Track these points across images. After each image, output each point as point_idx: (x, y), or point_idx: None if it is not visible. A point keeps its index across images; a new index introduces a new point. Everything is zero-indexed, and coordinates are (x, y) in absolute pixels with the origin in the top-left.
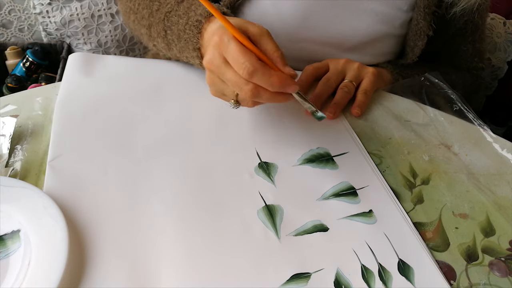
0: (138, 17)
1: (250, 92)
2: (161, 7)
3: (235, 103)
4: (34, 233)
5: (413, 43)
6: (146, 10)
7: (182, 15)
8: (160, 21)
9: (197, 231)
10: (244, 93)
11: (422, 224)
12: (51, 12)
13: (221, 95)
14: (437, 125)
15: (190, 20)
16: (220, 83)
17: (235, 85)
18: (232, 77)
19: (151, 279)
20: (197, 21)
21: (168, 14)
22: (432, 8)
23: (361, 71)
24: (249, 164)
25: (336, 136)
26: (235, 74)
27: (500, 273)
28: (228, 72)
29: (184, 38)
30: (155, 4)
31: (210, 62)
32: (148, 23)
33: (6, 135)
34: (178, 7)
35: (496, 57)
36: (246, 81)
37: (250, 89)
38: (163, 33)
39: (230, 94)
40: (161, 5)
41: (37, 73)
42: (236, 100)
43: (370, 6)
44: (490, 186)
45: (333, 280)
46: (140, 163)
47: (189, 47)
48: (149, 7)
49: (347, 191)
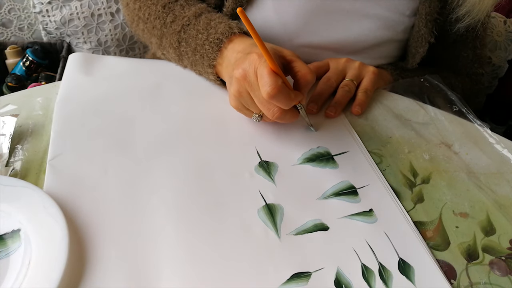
0: (149, 27)
1: (277, 114)
2: (177, 19)
3: (259, 117)
4: (34, 232)
5: (415, 50)
6: (158, 20)
7: (202, 30)
8: (174, 33)
9: (197, 231)
10: (271, 114)
11: (422, 223)
12: (51, 11)
13: (244, 108)
14: (438, 124)
15: (210, 36)
16: (248, 98)
17: (263, 104)
18: (261, 96)
19: (151, 279)
20: (218, 39)
21: (186, 27)
22: (434, 15)
23: (362, 70)
24: (249, 163)
25: (337, 135)
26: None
27: (501, 272)
28: (258, 91)
29: (201, 52)
30: (170, 16)
31: (244, 76)
32: (160, 33)
33: (6, 135)
34: (196, 21)
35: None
36: (273, 104)
37: (276, 111)
38: (176, 44)
39: (254, 110)
40: (177, 18)
41: (37, 72)
42: (260, 115)
43: (372, 11)
44: (491, 185)
45: (333, 279)
46: (140, 162)
47: (204, 63)
48: (162, 18)
49: (348, 190)
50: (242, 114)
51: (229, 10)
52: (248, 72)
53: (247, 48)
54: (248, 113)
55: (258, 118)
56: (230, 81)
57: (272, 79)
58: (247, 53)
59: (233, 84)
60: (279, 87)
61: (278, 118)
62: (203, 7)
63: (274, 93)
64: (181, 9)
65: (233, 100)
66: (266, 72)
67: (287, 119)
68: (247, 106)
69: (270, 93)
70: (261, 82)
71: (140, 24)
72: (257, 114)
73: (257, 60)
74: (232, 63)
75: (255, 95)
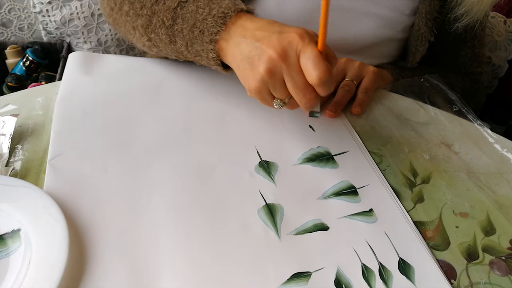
0: (136, 7)
1: (313, 102)
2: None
3: (282, 104)
4: (34, 232)
5: (415, 49)
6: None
7: (203, 5)
8: (169, 10)
9: (197, 230)
10: (306, 100)
11: (422, 223)
12: (51, 11)
13: (266, 93)
14: (438, 124)
15: (213, 11)
16: (279, 81)
17: (301, 90)
18: (302, 81)
19: (151, 279)
20: (223, 13)
21: (183, 3)
22: (433, 14)
23: (362, 70)
24: (249, 163)
25: (337, 135)
26: (305, 79)
27: (501, 272)
28: (300, 75)
29: (200, 28)
30: None
31: (283, 56)
32: (149, 12)
33: (6, 135)
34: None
35: (497, 55)
36: (312, 90)
37: (313, 98)
38: (170, 22)
39: (280, 95)
40: None
41: (37, 72)
42: (284, 101)
43: (372, 10)
44: (491, 185)
45: (333, 279)
46: (140, 162)
47: (204, 38)
48: None
49: (348, 190)
50: (258, 99)
51: None
52: (289, 53)
53: (269, 26)
54: (268, 98)
55: (280, 104)
56: (247, 65)
57: (324, 63)
58: (279, 32)
59: (263, 61)
60: (330, 72)
61: (310, 106)
62: None
63: (326, 78)
64: None
65: (258, 81)
66: (316, 55)
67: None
68: (273, 90)
69: (322, 78)
70: (309, 65)
71: (124, 6)
72: (280, 101)
73: (300, 41)
74: (249, 42)
75: (291, 79)
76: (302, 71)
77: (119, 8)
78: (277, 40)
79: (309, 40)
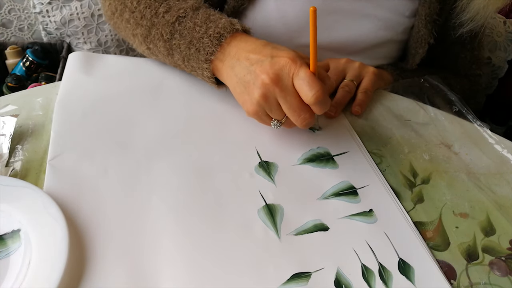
0: (136, 16)
1: (308, 121)
2: (172, 10)
3: (279, 124)
4: (34, 232)
5: (414, 51)
6: (148, 10)
7: (200, 23)
8: (167, 24)
9: (197, 231)
10: (302, 120)
11: (422, 223)
12: (51, 11)
13: (263, 115)
14: (437, 125)
15: (210, 30)
16: (274, 104)
17: (295, 110)
18: (296, 102)
19: (151, 279)
20: (219, 33)
21: (182, 18)
22: (433, 16)
23: (362, 70)
24: (249, 163)
25: (336, 136)
26: (298, 100)
27: (500, 273)
28: (293, 97)
29: (197, 46)
30: (163, 6)
31: (275, 81)
32: (149, 23)
33: (6, 135)
34: (194, 14)
35: (496, 56)
36: (306, 109)
37: (308, 117)
38: (168, 36)
39: (277, 116)
40: (172, 8)
41: (37, 72)
42: (280, 121)
43: (372, 11)
44: (491, 186)
45: (333, 279)
46: (140, 162)
47: (200, 57)
48: (154, 7)
49: (347, 191)
50: (258, 120)
51: (230, 8)
52: (282, 77)
53: (262, 49)
54: (266, 120)
55: (278, 125)
56: (243, 89)
57: (318, 82)
58: (271, 56)
59: (258, 87)
60: (325, 91)
61: (307, 124)
62: (200, 1)
63: (322, 97)
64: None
65: (255, 105)
66: (309, 76)
67: (310, 125)
68: (269, 112)
69: (318, 97)
70: (304, 86)
71: (125, 14)
72: (277, 121)
73: (292, 64)
74: (243, 66)
75: (285, 101)
76: (295, 93)
77: (119, 14)
78: (269, 65)
79: (301, 63)
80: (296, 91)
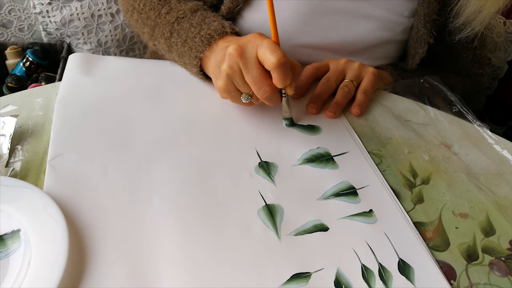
0: (143, 17)
1: (268, 94)
2: (172, 11)
3: (248, 97)
4: (34, 232)
5: (414, 51)
6: (153, 11)
7: (196, 24)
8: (168, 23)
9: (197, 231)
10: (262, 92)
11: (422, 223)
12: (51, 11)
13: (232, 89)
14: (437, 125)
15: (202, 31)
16: (239, 76)
17: (256, 83)
18: (257, 73)
19: (151, 279)
20: (209, 35)
21: (180, 19)
22: (432, 16)
23: (362, 71)
24: (249, 163)
25: (336, 136)
26: (260, 72)
27: (500, 273)
28: (256, 69)
29: (190, 45)
30: (165, 7)
31: (240, 52)
32: (153, 23)
33: (6, 135)
34: (192, 16)
35: (496, 56)
36: (267, 82)
37: (268, 90)
38: (168, 35)
39: (244, 90)
40: (172, 10)
41: (37, 72)
42: (250, 94)
43: (370, 12)
44: (490, 186)
45: (333, 279)
46: (140, 163)
47: (191, 55)
48: (157, 9)
49: (347, 191)
50: (229, 98)
51: (226, 9)
52: (246, 48)
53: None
54: (236, 95)
55: (247, 98)
56: (218, 70)
57: (280, 50)
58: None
59: (226, 60)
60: (286, 57)
61: (267, 98)
62: (199, 4)
63: (283, 60)
64: (177, 2)
65: (223, 79)
66: (272, 44)
67: (274, 101)
68: (237, 86)
69: (279, 59)
70: (266, 52)
71: (134, 14)
72: (246, 94)
73: (258, 38)
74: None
75: (248, 72)
76: (257, 65)
77: (130, 14)
78: (238, 42)
79: (266, 37)
80: (258, 63)
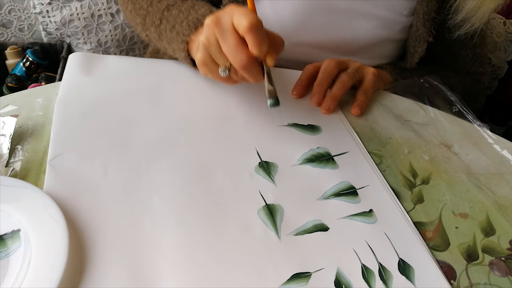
0: (136, 7)
1: (245, 62)
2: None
3: (226, 70)
4: (34, 232)
5: (413, 49)
6: (145, 1)
7: (184, 10)
8: (158, 11)
9: (197, 231)
10: (239, 61)
11: (422, 223)
12: (51, 11)
13: (210, 62)
14: (437, 125)
15: (190, 16)
16: (216, 46)
17: (233, 51)
18: (232, 41)
19: (151, 279)
20: (197, 19)
21: (170, 7)
22: (431, 14)
23: (362, 71)
24: (249, 163)
25: (336, 136)
26: (236, 40)
27: (500, 273)
28: (231, 37)
29: (177, 30)
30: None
31: (216, 22)
32: (144, 12)
33: (6, 135)
34: (182, 3)
35: (496, 56)
36: (243, 50)
37: (245, 59)
38: (158, 22)
39: (221, 61)
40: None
41: (37, 72)
42: (228, 67)
43: (370, 10)
44: (490, 186)
45: (333, 279)
46: (140, 163)
47: (178, 39)
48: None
49: (347, 191)
50: (208, 73)
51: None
52: (223, 18)
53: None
54: (214, 68)
55: (225, 71)
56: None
57: (255, 14)
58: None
59: (203, 32)
60: (259, 21)
61: (245, 68)
62: None
63: (256, 23)
64: None
65: (201, 52)
66: (248, 10)
67: (253, 73)
68: (215, 57)
69: (253, 22)
70: (241, 17)
71: (129, 5)
72: (223, 67)
73: (234, 8)
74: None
75: (223, 40)
76: (233, 32)
77: (125, 6)
78: (215, 13)
79: (242, 6)
80: (234, 30)
